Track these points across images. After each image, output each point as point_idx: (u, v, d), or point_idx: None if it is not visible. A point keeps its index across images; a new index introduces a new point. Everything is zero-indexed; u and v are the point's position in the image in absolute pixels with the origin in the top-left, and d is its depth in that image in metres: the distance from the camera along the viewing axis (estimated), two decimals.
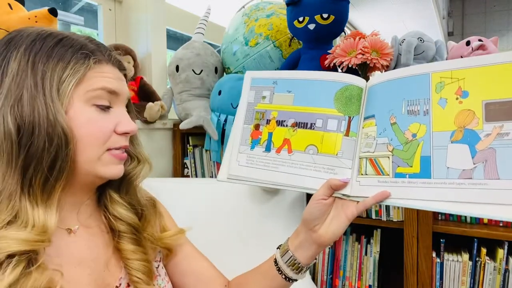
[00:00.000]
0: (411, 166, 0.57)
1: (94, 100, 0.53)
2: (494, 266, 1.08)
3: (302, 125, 0.67)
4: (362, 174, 0.61)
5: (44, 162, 0.48)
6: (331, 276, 1.30)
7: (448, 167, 0.54)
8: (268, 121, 0.70)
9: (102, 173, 0.55)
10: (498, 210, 0.49)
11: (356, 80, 0.66)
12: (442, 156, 0.54)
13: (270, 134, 0.69)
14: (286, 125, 0.68)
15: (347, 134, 0.63)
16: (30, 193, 0.48)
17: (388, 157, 0.59)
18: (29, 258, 0.46)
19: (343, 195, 0.61)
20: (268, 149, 0.69)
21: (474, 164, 0.52)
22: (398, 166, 0.58)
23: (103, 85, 0.54)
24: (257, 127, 0.71)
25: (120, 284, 0.58)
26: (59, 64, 0.51)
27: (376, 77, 0.65)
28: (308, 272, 1.25)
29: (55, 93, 0.50)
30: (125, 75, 0.62)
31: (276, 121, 0.69)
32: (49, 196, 0.50)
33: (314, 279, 1.31)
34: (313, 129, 0.66)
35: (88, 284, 0.54)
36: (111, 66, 0.57)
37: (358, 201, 0.60)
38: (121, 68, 0.60)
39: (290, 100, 0.69)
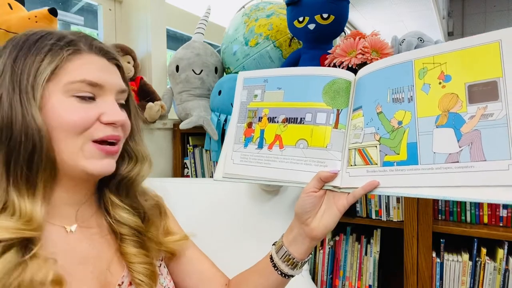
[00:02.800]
0: (398, 154, 0.57)
1: (74, 92, 0.52)
2: (494, 266, 1.08)
3: (292, 120, 0.68)
4: (351, 165, 0.61)
5: (21, 156, 0.49)
6: (331, 276, 1.30)
7: (434, 152, 0.54)
8: (260, 119, 0.71)
9: (86, 167, 0.53)
10: (486, 192, 0.49)
11: (343, 74, 0.67)
12: (428, 141, 0.55)
13: (262, 131, 0.70)
14: (277, 121, 0.69)
15: (336, 127, 0.64)
16: (15, 185, 0.50)
17: (376, 146, 0.59)
18: (23, 249, 0.47)
19: (334, 187, 0.62)
20: (260, 145, 0.70)
21: (460, 147, 0.52)
22: (386, 155, 0.58)
23: (83, 77, 0.52)
24: (250, 125, 0.72)
25: (122, 283, 0.58)
26: (36, 59, 0.51)
27: (363, 69, 0.65)
28: (308, 272, 1.26)
29: (30, 87, 0.50)
30: (119, 66, 0.59)
31: (268, 118, 0.71)
32: (33, 188, 0.50)
33: (314, 279, 1.31)
34: (303, 123, 0.67)
35: (90, 280, 0.55)
36: (95, 56, 0.55)
37: (348, 193, 0.60)
38: (110, 57, 0.57)
39: (281, 97, 0.70)
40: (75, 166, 0.53)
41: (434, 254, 1.13)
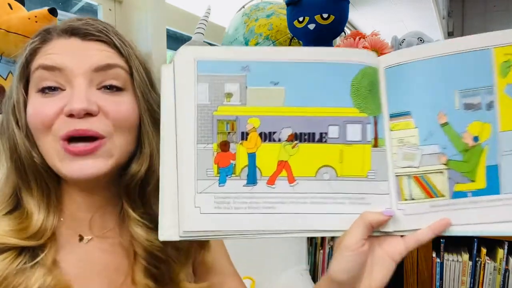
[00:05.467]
0: (474, 181, 0.44)
1: (37, 84, 0.46)
2: (494, 266, 1.08)
3: (306, 137, 0.46)
4: (405, 200, 0.45)
5: (20, 161, 0.47)
6: None
7: None
8: (244, 135, 0.45)
9: (60, 170, 0.45)
10: None
11: (369, 58, 0.47)
12: None
13: (252, 156, 0.45)
14: (279, 139, 0.45)
15: (375, 144, 0.46)
16: (26, 190, 0.48)
17: (442, 172, 0.45)
18: (29, 254, 0.45)
19: (384, 232, 0.46)
20: (252, 180, 0.45)
21: None
22: (457, 183, 0.44)
23: (39, 63, 0.46)
24: (224, 146, 0.45)
25: None
26: (19, 63, 0.48)
27: (396, 54, 0.48)
28: (308, 272, 1.26)
29: (14, 91, 0.47)
30: (105, 41, 0.48)
31: (260, 134, 0.45)
32: (43, 193, 0.48)
33: (314, 279, 1.31)
34: (325, 142, 0.46)
35: None
36: (63, 40, 0.47)
37: (402, 235, 0.46)
38: (85, 34, 0.47)
39: (279, 98, 0.46)
40: (56, 170, 0.46)
41: (434, 254, 1.13)
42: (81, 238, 0.50)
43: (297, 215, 0.45)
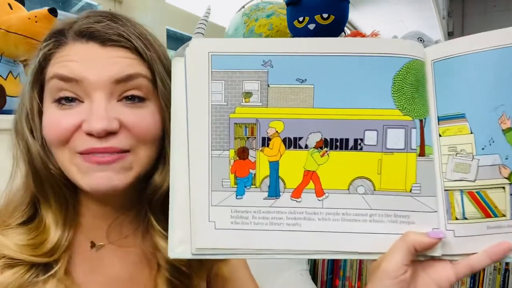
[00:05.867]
0: None
1: (53, 94, 0.43)
2: (494, 266, 1.08)
3: (338, 143, 0.39)
4: (456, 219, 0.39)
5: (34, 168, 0.45)
6: (331, 276, 1.30)
7: None
8: (266, 141, 0.40)
9: (79, 183, 0.43)
10: None
11: (415, 49, 0.39)
12: None
13: (275, 165, 0.40)
14: (306, 146, 0.39)
15: (422, 153, 0.39)
16: (43, 197, 0.46)
17: (503, 188, 0.38)
18: (41, 268, 0.44)
19: (429, 256, 0.39)
20: (274, 192, 0.40)
21: None
22: None
23: (54, 72, 0.42)
24: (243, 153, 0.40)
25: None
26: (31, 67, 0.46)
27: (447, 45, 0.40)
28: (308, 272, 1.26)
29: (27, 99, 0.45)
30: (127, 47, 0.43)
31: (284, 140, 0.40)
32: (60, 203, 0.46)
33: (314, 279, 1.31)
34: (361, 149, 0.39)
35: None
36: (79, 44, 0.43)
37: (452, 260, 0.39)
38: (105, 40, 0.42)
39: (307, 98, 0.39)
40: (74, 182, 0.44)
41: None
42: (92, 245, 0.49)
43: (326, 234, 0.39)
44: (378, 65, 0.39)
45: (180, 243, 0.39)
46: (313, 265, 1.32)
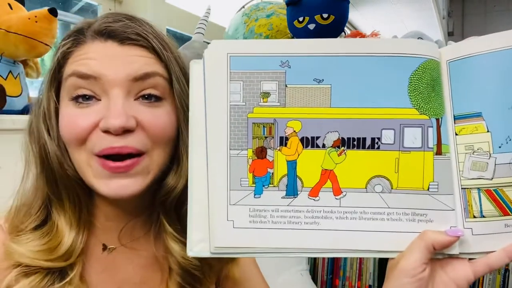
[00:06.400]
0: None
1: (70, 92, 0.43)
2: None
3: (355, 142, 0.40)
4: (474, 217, 0.39)
5: (48, 169, 0.45)
6: (331, 276, 1.30)
7: None
8: (283, 140, 0.40)
9: (95, 187, 0.43)
10: None
11: (430, 49, 0.40)
12: None
13: (292, 164, 0.40)
14: (324, 145, 0.40)
15: (438, 152, 0.40)
16: (55, 202, 0.45)
17: None
18: (57, 274, 0.44)
19: (449, 255, 0.40)
20: (292, 191, 0.40)
21: None
22: None
23: (72, 69, 0.42)
24: (260, 152, 0.41)
25: None
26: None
27: (463, 45, 0.41)
28: (308, 272, 1.26)
29: (45, 98, 0.45)
30: (145, 46, 0.44)
31: (301, 139, 0.40)
32: (74, 205, 0.45)
33: (314, 279, 1.31)
34: (378, 148, 0.40)
35: None
36: (98, 43, 0.43)
37: (470, 258, 0.40)
38: (124, 38, 0.43)
39: (324, 98, 0.40)
40: (90, 186, 0.44)
41: None
42: (104, 248, 0.49)
43: (344, 233, 0.40)
44: (394, 65, 0.40)
45: (199, 242, 0.40)
46: (313, 265, 1.32)
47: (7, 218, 0.47)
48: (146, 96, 0.43)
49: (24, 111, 0.87)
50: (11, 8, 0.83)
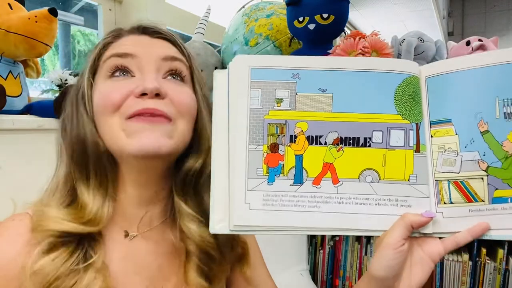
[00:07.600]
0: None
1: (108, 70, 0.50)
2: (494, 266, 1.09)
3: (351, 141, 0.49)
4: (444, 203, 0.48)
5: (80, 151, 0.49)
6: (331, 276, 1.30)
7: None
8: (293, 138, 0.49)
9: (125, 147, 0.47)
10: None
11: (411, 67, 0.50)
12: None
13: (299, 158, 0.49)
14: (325, 143, 0.49)
15: (417, 150, 0.49)
16: (83, 181, 0.49)
17: (482, 178, 0.47)
18: (82, 254, 0.46)
19: (423, 233, 0.48)
20: (299, 180, 0.49)
21: None
22: (496, 189, 0.47)
23: (112, 52, 0.51)
24: (274, 148, 0.49)
25: None
26: (87, 58, 0.53)
27: (438, 65, 0.51)
28: (308, 272, 1.26)
29: (85, 81, 0.51)
30: (169, 40, 0.54)
31: (307, 137, 0.49)
32: (100, 184, 0.50)
33: (314, 279, 1.31)
34: (369, 146, 0.49)
35: None
36: (134, 36, 0.53)
37: (441, 237, 0.49)
38: (153, 32, 0.54)
39: (327, 104, 0.49)
40: (119, 151, 0.48)
41: None
42: (126, 234, 0.52)
43: (340, 214, 0.48)
44: (383, 79, 0.49)
45: (220, 221, 0.48)
46: (313, 265, 1.33)
47: (33, 210, 0.50)
48: (173, 74, 0.52)
49: (24, 111, 0.87)
50: (11, 8, 0.83)
